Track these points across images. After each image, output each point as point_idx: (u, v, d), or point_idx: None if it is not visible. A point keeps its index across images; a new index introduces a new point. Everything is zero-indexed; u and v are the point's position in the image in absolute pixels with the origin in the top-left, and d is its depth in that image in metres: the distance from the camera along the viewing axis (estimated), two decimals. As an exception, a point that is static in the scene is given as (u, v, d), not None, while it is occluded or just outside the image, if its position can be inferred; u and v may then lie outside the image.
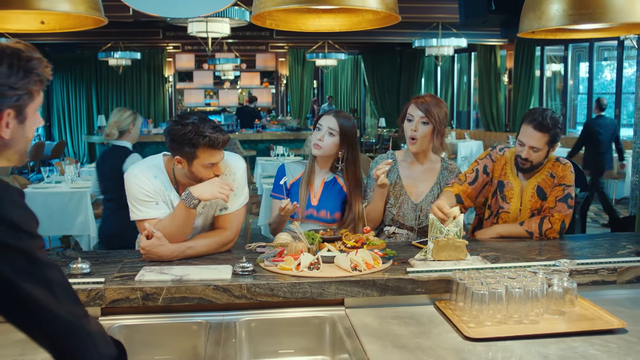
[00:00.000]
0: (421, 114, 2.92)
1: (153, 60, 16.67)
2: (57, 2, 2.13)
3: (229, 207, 2.70)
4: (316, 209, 2.95)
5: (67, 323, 1.25)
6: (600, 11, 2.00)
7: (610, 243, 2.80)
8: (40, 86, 1.34)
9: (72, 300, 1.28)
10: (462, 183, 2.97)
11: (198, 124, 2.43)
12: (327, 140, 2.94)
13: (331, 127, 2.93)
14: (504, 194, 3.00)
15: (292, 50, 17.24)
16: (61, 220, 6.30)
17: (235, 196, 2.70)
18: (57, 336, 1.25)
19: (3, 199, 1.21)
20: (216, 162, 2.53)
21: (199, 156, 2.47)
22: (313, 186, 3.01)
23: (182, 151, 2.47)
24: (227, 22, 8.82)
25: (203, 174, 2.52)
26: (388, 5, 2.05)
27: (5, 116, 1.30)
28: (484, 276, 2.15)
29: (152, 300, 2.15)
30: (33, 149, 13.43)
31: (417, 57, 16.97)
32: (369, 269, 2.30)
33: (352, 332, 2.04)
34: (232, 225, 2.70)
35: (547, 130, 2.80)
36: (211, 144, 2.44)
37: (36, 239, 1.24)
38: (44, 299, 1.22)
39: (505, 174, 3.02)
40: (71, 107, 16.89)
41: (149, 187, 2.58)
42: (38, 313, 1.22)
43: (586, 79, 13.50)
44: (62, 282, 1.28)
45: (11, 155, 1.37)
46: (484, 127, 15.54)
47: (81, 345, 1.26)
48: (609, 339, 1.95)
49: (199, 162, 2.49)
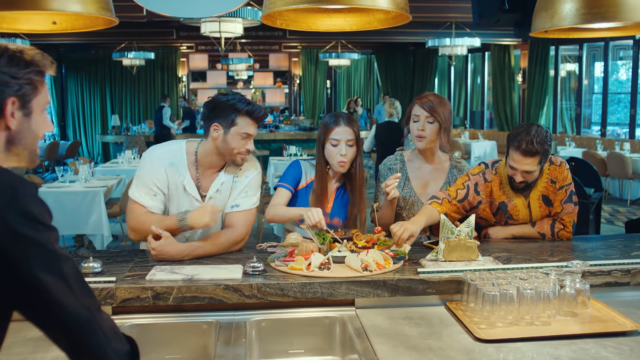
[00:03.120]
0: (426, 113, 2.90)
1: (167, 60, 16.76)
2: (69, 3, 2.15)
3: (240, 205, 2.71)
4: (329, 216, 2.92)
5: (81, 317, 1.25)
6: (613, 10, 1.98)
7: (624, 244, 2.77)
8: (40, 78, 1.37)
9: (86, 293, 1.29)
10: (451, 200, 2.84)
11: (240, 96, 2.61)
12: (349, 154, 2.86)
13: (349, 139, 2.85)
14: (510, 214, 2.92)
15: (305, 50, 17.26)
16: (75, 220, 6.34)
17: (247, 195, 2.72)
18: (71, 330, 1.25)
19: (21, 191, 1.22)
20: (252, 134, 2.62)
21: (238, 123, 2.57)
22: (327, 194, 2.96)
23: (223, 117, 2.58)
24: (240, 22, 8.85)
25: (237, 144, 2.60)
26: (399, 5, 2.04)
27: (9, 104, 1.32)
28: (496, 277, 2.14)
29: (162, 300, 2.15)
30: (47, 149, 13.57)
31: (431, 56, 16.93)
32: (380, 269, 2.29)
33: (362, 333, 2.03)
34: (243, 224, 2.70)
35: (536, 153, 2.65)
36: (251, 112, 2.58)
37: (53, 231, 1.26)
38: (60, 291, 1.23)
39: (505, 194, 2.90)
40: (85, 107, 17.02)
41: (158, 177, 2.64)
42: (53, 305, 1.23)
43: (601, 78, 13.40)
44: (77, 275, 1.28)
45: (20, 151, 1.38)
46: (498, 127, 15.47)
47: (94, 340, 1.26)
48: (621, 341, 1.93)
49: (236, 130, 2.58)
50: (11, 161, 1.37)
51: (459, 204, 2.85)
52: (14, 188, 1.22)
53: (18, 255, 1.19)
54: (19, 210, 1.20)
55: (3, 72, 1.31)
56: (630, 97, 12.25)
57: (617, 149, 10.98)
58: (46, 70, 1.39)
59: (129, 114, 16.99)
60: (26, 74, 1.34)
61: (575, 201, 2.89)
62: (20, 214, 1.20)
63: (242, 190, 2.72)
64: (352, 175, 2.94)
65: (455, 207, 2.84)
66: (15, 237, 1.19)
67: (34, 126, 1.39)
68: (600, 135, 12.99)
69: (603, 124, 13.01)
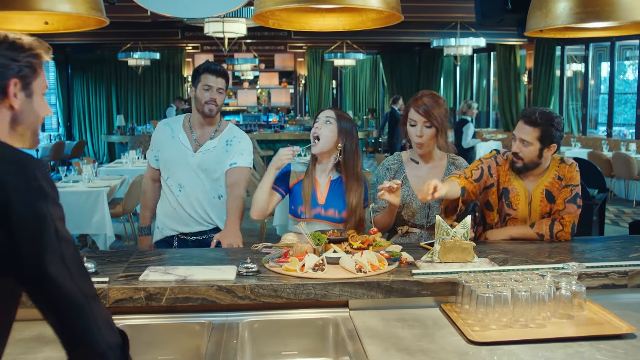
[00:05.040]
0: (423, 118, 2.90)
1: (172, 61, 16.78)
2: (58, 3, 2.16)
3: (237, 162, 3.26)
4: (324, 207, 2.90)
5: (75, 299, 1.27)
6: (608, 9, 1.95)
7: (623, 245, 2.75)
8: (38, 60, 1.46)
9: (83, 278, 1.31)
10: (468, 177, 2.90)
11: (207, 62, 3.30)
12: (325, 129, 2.87)
13: (328, 115, 2.91)
14: (510, 201, 2.95)
15: (311, 50, 17.25)
16: (78, 220, 6.34)
17: (243, 155, 3.29)
18: (62, 311, 1.27)
19: (30, 165, 1.29)
20: (212, 85, 3.21)
21: (201, 80, 3.22)
22: (319, 185, 2.95)
23: (193, 81, 3.29)
24: (243, 22, 8.84)
25: (202, 95, 3.22)
26: (390, 4, 2.02)
27: (12, 85, 1.40)
28: (490, 279, 2.12)
29: (155, 301, 2.14)
30: (53, 149, 13.61)
31: (436, 57, 16.88)
32: (374, 271, 2.27)
33: (355, 335, 2.02)
34: (243, 180, 3.25)
35: (537, 124, 2.78)
36: (208, 69, 3.22)
37: (59, 207, 1.31)
38: (56, 269, 1.25)
39: (509, 180, 2.97)
40: (91, 107, 17.06)
41: (156, 134, 3.43)
42: (48, 281, 1.25)
43: (607, 78, 13.32)
44: (77, 259, 1.31)
45: (24, 131, 1.45)
46: (503, 127, 15.41)
47: (85, 326, 1.28)
48: (616, 344, 1.90)
49: (200, 85, 3.22)
50: (16, 141, 1.44)
51: (475, 183, 2.91)
52: (23, 162, 1.29)
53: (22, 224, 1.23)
54: (27, 182, 1.26)
55: (4, 55, 1.39)
56: (636, 97, 12.17)
57: (622, 150, 10.92)
58: (43, 56, 1.47)
59: (135, 114, 17.03)
60: (25, 57, 1.42)
61: (579, 204, 2.89)
62: (28, 185, 1.25)
63: (238, 151, 3.28)
64: (347, 166, 2.92)
65: (472, 185, 2.90)
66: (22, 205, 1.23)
67: (36, 107, 1.47)
68: (606, 136, 12.92)
69: (609, 124, 12.94)
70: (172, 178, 3.31)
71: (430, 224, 2.98)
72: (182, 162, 3.28)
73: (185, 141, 3.30)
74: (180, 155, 3.28)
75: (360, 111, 19.61)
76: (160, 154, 3.36)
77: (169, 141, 3.32)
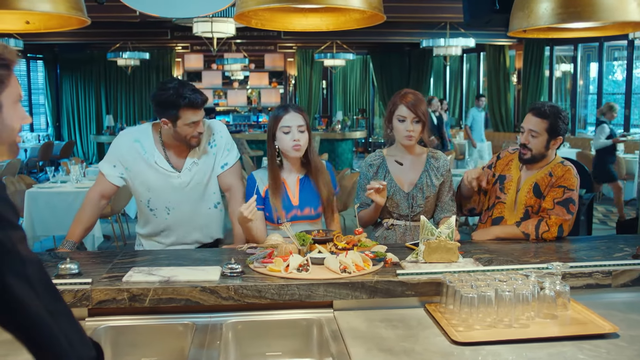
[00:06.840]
0: (413, 114, 2.97)
1: (162, 61, 16.69)
2: (38, 2, 2.14)
3: (228, 162, 3.04)
4: (299, 208, 2.90)
5: (41, 320, 1.23)
6: (589, 10, 1.96)
7: (608, 245, 2.76)
8: (7, 71, 1.33)
9: (52, 297, 1.26)
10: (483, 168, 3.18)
11: (178, 88, 2.75)
12: (303, 139, 2.84)
13: (300, 124, 2.84)
14: (503, 185, 3.09)
15: (301, 50, 17.22)
16: (66, 220, 6.23)
17: (229, 151, 3.05)
18: (31, 333, 1.23)
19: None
20: (197, 120, 2.81)
21: (181, 116, 2.78)
22: (289, 187, 2.92)
23: (167, 114, 2.78)
24: (232, 22, 8.81)
25: (187, 132, 2.82)
26: (372, 4, 2.02)
27: None
28: (475, 279, 2.12)
29: (139, 302, 2.13)
30: (42, 149, 13.54)
31: (426, 57, 16.89)
32: (359, 271, 2.27)
33: (339, 335, 2.01)
34: (238, 180, 3.06)
35: (545, 116, 2.92)
36: (191, 104, 2.76)
37: (18, 230, 1.23)
38: (21, 292, 1.21)
39: (509, 169, 3.11)
40: (80, 107, 16.96)
41: (122, 149, 2.95)
42: (14, 306, 1.21)
43: (596, 79, 13.38)
44: (43, 278, 1.26)
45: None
46: (493, 127, 15.46)
47: (54, 344, 1.24)
48: (599, 343, 1.91)
49: (182, 122, 2.79)
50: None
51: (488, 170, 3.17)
52: None
53: None
54: None
55: None
56: (624, 97, 12.24)
57: (611, 150, 10.93)
58: (12, 63, 1.35)
59: (124, 114, 16.94)
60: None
61: (571, 210, 2.90)
62: None
63: (225, 148, 3.04)
64: (310, 161, 2.94)
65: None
66: None
67: (8, 120, 1.36)
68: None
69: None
70: (154, 201, 2.99)
71: (414, 214, 3.05)
72: (166, 186, 2.95)
73: (164, 164, 2.93)
74: (162, 179, 2.94)
75: (350, 111, 19.60)
76: (132, 177, 2.97)
77: (142, 164, 2.93)
